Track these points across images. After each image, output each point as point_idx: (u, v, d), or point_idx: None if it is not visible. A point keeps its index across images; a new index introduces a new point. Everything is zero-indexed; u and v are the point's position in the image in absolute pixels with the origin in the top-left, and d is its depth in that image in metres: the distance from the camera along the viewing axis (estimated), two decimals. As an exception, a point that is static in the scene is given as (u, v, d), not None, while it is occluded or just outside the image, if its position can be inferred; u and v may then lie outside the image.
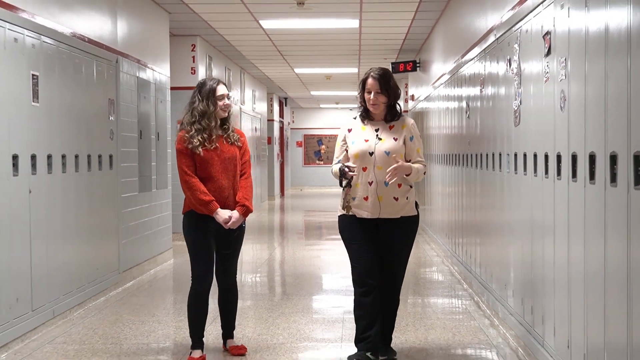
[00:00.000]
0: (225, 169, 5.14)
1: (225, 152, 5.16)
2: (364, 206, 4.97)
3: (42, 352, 5.56)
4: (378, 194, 4.93)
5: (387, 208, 4.96)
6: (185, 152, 5.06)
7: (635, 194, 3.30)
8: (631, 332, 3.39)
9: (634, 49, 3.33)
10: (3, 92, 5.56)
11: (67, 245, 6.75)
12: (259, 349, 5.61)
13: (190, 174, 5.05)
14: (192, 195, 5.04)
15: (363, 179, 4.96)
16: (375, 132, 5.05)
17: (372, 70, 5.05)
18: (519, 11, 5.56)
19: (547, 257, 4.78)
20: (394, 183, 4.92)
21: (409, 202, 5.03)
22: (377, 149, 4.97)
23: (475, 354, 5.50)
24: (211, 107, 5.06)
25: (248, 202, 5.20)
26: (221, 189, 5.12)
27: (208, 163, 5.07)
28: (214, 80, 5.17)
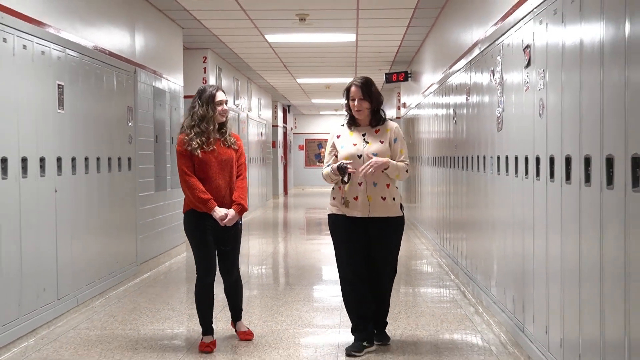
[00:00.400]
0: (222, 170, 5.06)
1: (222, 155, 5.08)
2: (354, 206, 4.92)
3: (66, 337, 5.57)
4: (367, 194, 4.89)
5: (376, 207, 4.91)
6: (184, 154, 4.99)
7: (608, 193, 3.31)
8: (603, 319, 3.40)
9: (606, 62, 3.34)
10: (31, 100, 5.57)
11: (89, 239, 6.76)
12: (265, 334, 5.61)
13: (189, 174, 4.98)
14: (191, 194, 4.98)
15: (353, 180, 4.91)
16: (362, 137, 5.01)
17: (354, 80, 5.02)
18: (501, 26, 5.57)
19: (527, 251, 4.79)
20: (383, 183, 4.89)
21: (395, 203, 4.97)
22: (365, 151, 4.93)
23: (461, 339, 5.50)
24: (210, 111, 4.99)
25: (243, 201, 5.11)
26: (218, 188, 5.04)
27: (206, 164, 5.00)
28: (213, 87, 5.10)
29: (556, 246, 4.14)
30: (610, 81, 3.29)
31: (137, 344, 5.36)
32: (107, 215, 7.23)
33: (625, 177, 3.10)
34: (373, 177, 4.84)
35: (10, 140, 5.19)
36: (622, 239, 3.14)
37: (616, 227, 3.21)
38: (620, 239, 3.16)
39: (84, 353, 5.13)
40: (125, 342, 5.43)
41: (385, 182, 4.91)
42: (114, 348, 5.26)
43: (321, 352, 5.12)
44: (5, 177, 5.11)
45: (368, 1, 8.92)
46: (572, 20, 3.82)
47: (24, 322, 5.40)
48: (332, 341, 5.40)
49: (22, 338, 5.35)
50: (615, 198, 3.21)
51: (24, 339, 5.37)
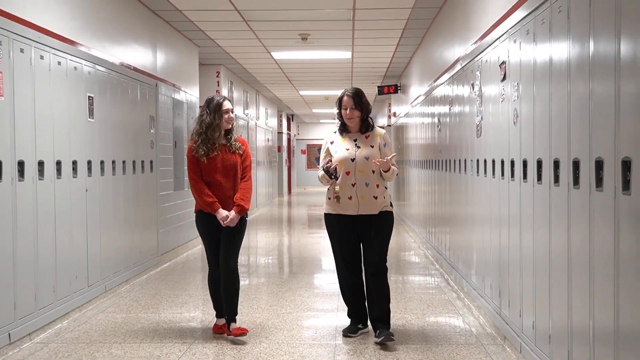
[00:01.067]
0: (227, 174, 4.87)
1: (227, 159, 4.89)
2: (348, 205, 4.80)
3: (95, 320, 5.57)
4: (359, 194, 4.78)
5: (368, 206, 4.79)
6: (192, 160, 4.85)
7: (574, 192, 3.31)
8: (571, 305, 3.40)
9: (572, 76, 3.34)
10: (65, 110, 5.58)
11: (116, 233, 6.76)
12: (271, 317, 5.61)
13: (196, 178, 4.85)
14: (198, 196, 4.86)
15: (347, 182, 4.79)
16: (354, 142, 4.89)
17: (346, 90, 4.94)
18: (480, 45, 5.57)
19: (503, 244, 4.79)
20: (373, 184, 4.79)
21: (385, 200, 4.84)
22: (357, 155, 4.81)
23: (445, 321, 5.50)
24: (217, 119, 4.83)
25: (243, 202, 4.86)
26: (223, 191, 4.86)
27: (211, 169, 4.84)
28: (220, 97, 4.94)
29: (529, 239, 4.14)
30: (576, 93, 3.29)
31: (158, 326, 5.36)
32: (132, 211, 7.24)
33: (589, 178, 3.10)
34: (366, 177, 4.78)
35: (46, 146, 5.20)
36: (587, 233, 3.15)
37: (582, 222, 3.21)
38: (585, 233, 3.17)
39: (111, 334, 5.13)
40: (147, 323, 5.43)
41: (376, 182, 4.80)
42: (138, 329, 5.26)
43: (321, 333, 5.12)
44: (42, 178, 5.11)
45: (362, 23, 8.93)
46: (543, 39, 3.83)
47: (59, 306, 5.40)
48: (330, 323, 5.40)
49: (57, 320, 5.35)
50: (580, 197, 3.22)
51: (58, 321, 5.37)
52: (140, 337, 5.01)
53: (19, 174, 4.77)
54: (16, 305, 4.74)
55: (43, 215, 5.14)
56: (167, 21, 8.86)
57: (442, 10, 8.01)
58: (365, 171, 4.78)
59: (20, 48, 4.83)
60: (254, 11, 8.26)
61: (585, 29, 3.15)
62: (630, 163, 2.69)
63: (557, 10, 3.57)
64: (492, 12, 5.25)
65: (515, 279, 4.47)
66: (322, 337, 4.99)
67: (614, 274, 2.86)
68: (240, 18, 8.60)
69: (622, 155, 2.76)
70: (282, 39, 10.13)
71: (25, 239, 4.88)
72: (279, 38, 10.04)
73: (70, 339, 5.00)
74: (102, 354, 4.61)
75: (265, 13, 8.36)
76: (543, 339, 3.86)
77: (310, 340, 4.93)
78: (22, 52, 4.86)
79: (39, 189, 5.07)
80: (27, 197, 4.89)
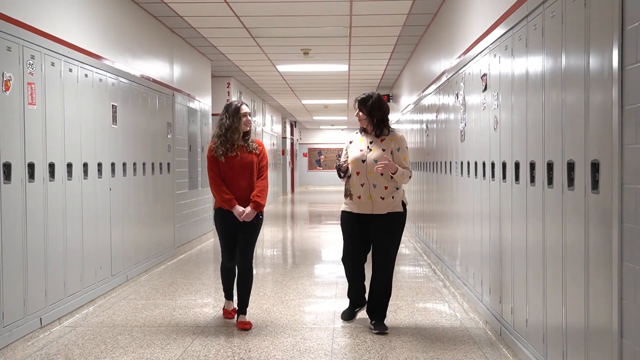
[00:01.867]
0: (244, 172, 4.75)
1: (245, 159, 4.76)
2: (357, 204, 4.66)
3: (118, 306, 5.57)
4: (368, 194, 4.62)
5: (377, 206, 4.62)
6: (212, 160, 4.74)
7: (548, 191, 3.31)
8: (546, 290, 3.40)
9: (547, 87, 3.35)
10: (91, 117, 5.58)
11: (136, 228, 6.76)
12: (276, 303, 5.61)
13: (215, 177, 4.73)
14: (216, 194, 4.72)
15: (357, 182, 4.65)
16: (368, 144, 4.70)
17: (358, 96, 4.82)
18: (463, 59, 5.57)
19: (485, 237, 4.79)
20: (381, 185, 4.60)
21: (394, 201, 4.62)
22: (368, 157, 4.64)
23: (433, 307, 5.51)
24: (236, 122, 4.72)
25: (259, 198, 4.74)
26: (240, 188, 4.74)
27: (230, 168, 4.72)
28: (238, 102, 4.84)
29: (507, 233, 4.14)
30: (550, 102, 3.30)
31: (174, 311, 5.36)
32: (151, 208, 7.24)
33: (562, 179, 3.10)
34: (375, 179, 4.60)
35: (74, 150, 5.20)
36: (560, 227, 3.15)
37: (555, 218, 3.21)
38: (558, 227, 3.17)
39: (132, 318, 5.13)
40: (165, 309, 5.43)
41: (384, 184, 4.59)
42: (156, 314, 5.26)
43: (320, 318, 5.12)
44: (70, 179, 5.12)
45: (358, 39, 8.93)
46: (520, 54, 3.83)
47: (85, 294, 5.40)
48: (329, 309, 5.40)
49: (84, 306, 5.35)
50: (554, 195, 3.22)
51: (84, 307, 5.37)
52: (158, 321, 5.02)
53: (49, 174, 4.77)
54: (47, 292, 4.75)
55: (71, 211, 5.14)
56: (183, 38, 8.86)
57: (429, 28, 8.02)
58: (374, 173, 4.60)
59: (51, 62, 4.83)
60: (260, 29, 8.26)
61: (558, 45, 3.16)
62: (598, 165, 2.69)
63: (532, 28, 3.57)
64: (474, 29, 5.25)
65: (495, 269, 4.47)
66: (322, 322, 4.99)
67: (583, 264, 2.87)
68: (249, 35, 8.60)
69: (591, 158, 2.76)
70: (286, 54, 10.13)
71: (55, 233, 4.89)
72: (283, 53, 10.04)
73: (96, 323, 5.00)
74: (124, 336, 4.61)
75: (271, 30, 8.37)
76: (521, 324, 3.86)
77: (311, 324, 4.93)
78: (53, 66, 4.86)
79: (68, 189, 5.08)
80: (56, 195, 4.89)
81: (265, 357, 4.10)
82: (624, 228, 2.48)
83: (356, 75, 12.59)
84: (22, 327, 4.38)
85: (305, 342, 4.43)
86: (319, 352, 4.18)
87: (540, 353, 3.48)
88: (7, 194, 4.19)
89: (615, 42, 2.52)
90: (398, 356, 4.10)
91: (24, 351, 4.28)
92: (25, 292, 4.45)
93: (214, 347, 4.33)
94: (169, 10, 7.28)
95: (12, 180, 4.25)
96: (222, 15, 7.52)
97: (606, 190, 2.62)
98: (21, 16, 4.48)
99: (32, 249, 4.52)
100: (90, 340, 4.51)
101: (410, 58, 10.36)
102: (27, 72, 4.46)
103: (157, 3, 6.97)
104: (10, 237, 4.24)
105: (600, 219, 2.68)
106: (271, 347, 4.30)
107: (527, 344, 3.73)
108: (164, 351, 4.24)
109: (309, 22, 7.91)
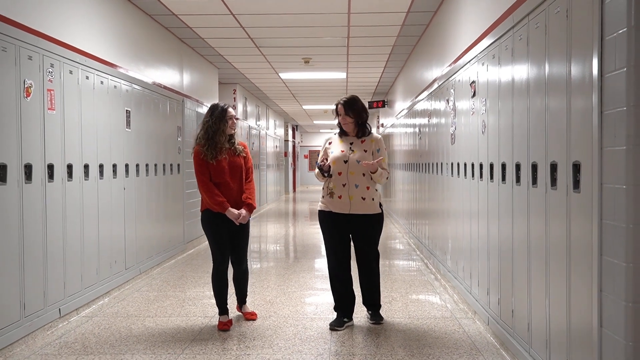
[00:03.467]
0: (234, 175, 4.43)
1: (233, 162, 4.44)
2: (338, 203, 4.38)
3: (132, 297, 5.57)
4: (349, 194, 4.36)
5: (357, 205, 4.36)
6: (201, 163, 4.36)
7: (533, 191, 3.31)
8: (530, 283, 3.41)
9: (531, 93, 3.35)
10: (107, 122, 5.58)
11: (149, 225, 6.76)
12: (279, 295, 5.61)
13: (205, 180, 4.37)
14: (208, 197, 4.36)
15: (339, 182, 4.39)
16: (350, 145, 4.48)
17: (341, 99, 4.53)
18: (453, 67, 5.57)
19: (473, 233, 4.79)
20: (363, 185, 4.37)
21: (374, 202, 4.42)
22: (350, 157, 4.40)
23: (425, 298, 5.51)
24: (222, 125, 4.39)
25: (252, 200, 4.49)
26: (231, 191, 4.43)
27: (220, 171, 4.38)
28: (224, 104, 4.49)
29: (495, 230, 4.14)
30: (534, 107, 3.30)
31: (184, 302, 5.36)
32: (162, 206, 7.24)
33: (546, 179, 3.11)
34: (356, 179, 4.39)
35: (91, 152, 5.20)
36: (543, 224, 3.15)
37: (539, 215, 3.22)
38: (542, 224, 3.17)
39: (144, 308, 5.14)
40: (175, 300, 5.43)
41: (366, 184, 4.39)
42: (167, 305, 5.26)
43: (320, 309, 5.12)
44: (87, 179, 5.12)
45: (355, 48, 8.93)
46: (506, 62, 3.83)
47: (101, 286, 5.40)
48: (328, 300, 5.40)
49: (99, 297, 5.36)
50: (538, 194, 3.22)
51: (100, 298, 5.37)
52: (169, 312, 5.02)
53: (67, 175, 4.77)
54: (65, 285, 4.75)
55: (88, 209, 5.14)
56: (192, 47, 8.86)
57: (422, 38, 8.02)
58: (356, 173, 4.38)
59: (70, 70, 4.83)
60: (264, 39, 8.27)
61: (542, 54, 3.16)
62: (579, 166, 2.70)
63: (518, 38, 3.57)
64: (463, 39, 5.26)
65: (483, 263, 4.47)
66: (322, 312, 4.99)
67: (566, 258, 2.87)
68: (253, 45, 8.60)
69: (572, 160, 2.76)
70: (288, 62, 10.13)
71: (73, 230, 4.89)
72: (285, 61, 10.05)
73: (111, 313, 5.00)
74: (137, 326, 4.61)
75: (274, 40, 8.37)
76: (507, 314, 3.87)
77: (311, 314, 4.93)
78: (71, 74, 4.86)
79: (85, 188, 5.08)
80: (74, 194, 4.90)
81: (269, 344, 4.10)
82: (603, 225, 2.48)
83: (354, 82, 12.59)
84: (42, 317, 4.38)
85: (306, 331, 4.44)
86: (319, 341, 4.18)
87: (525, 341, 3.48)
88: (29, 193, 4.20)
89: (595, 51, 2.53)
90: (393, 344, 4.11)
91: (44, 339, 4.28)
92: (45, 285, 4.45)
93: (221, 335, 4.33)
94: (179, 22, 7.29)
95: (33, 180, 4.25)
96: (228, 27, 7.53)
97: (587, 189, 2.62)
98: (41, 27, 4.49)
99: (51, 244, 4.52)
100: (105, 330, 4.51)
101: (404, 66, 10.36)
102: (46, 80, 4.46)
103: (168, 15, 6.98)
104: (31, 233, 4.24)
105: (581, 216, 2.68)
106: (274, 336, 4.30)
107: (513, 333, 3.73)
108: (175, 339, 4.24)
109: (310, 32, 7.92)
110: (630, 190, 2.31)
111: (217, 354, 3.92)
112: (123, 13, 6.19)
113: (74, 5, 5.07)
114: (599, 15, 2.50)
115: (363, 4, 6.54)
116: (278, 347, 4.04)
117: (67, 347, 4.11)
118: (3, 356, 3.87)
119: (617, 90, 2.37)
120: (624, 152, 2.32)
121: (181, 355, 3.89)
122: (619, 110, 2.35)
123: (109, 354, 3.95)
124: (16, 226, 4.06)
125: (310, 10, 6.84)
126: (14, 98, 4.04)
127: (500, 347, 3.95)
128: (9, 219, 3.97)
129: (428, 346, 4.05)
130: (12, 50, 4.02)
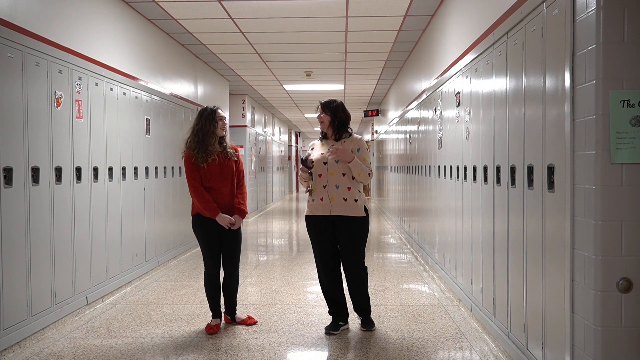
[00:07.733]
0: (225, 179, 3.96)
1: (224, 165, 3.96)
2: (320, 205, 3.92)
3: (151, 286, 5.57)
4: (330, 195, 3.89)
5: (338, 207, 3.88)
6: (192, 167, 3.90)
7: (512, 191, 3.32)
8: (509, 277, 3.41)
9: (510, 103, 3.35)
10: (129, 129, 5.59)
11: (166, 221, 6.77)
12: (283, 284, 5.61)
13: (197, 184, 3.90)
14: (199, 202, 3.89)
15: (319, 184, 3.94)
16: (329, 148, 3.99)
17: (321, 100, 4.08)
18: (440, 79, 5.58)
19: (458, 229, 4.79)
20: (344, 186, 3.89)
21: (357, 205, 3.90)
22: (329, 159, 3.92)
23: (415, 287, 5.50)
24: (212, 127, 3.93)
25: (243, 206, 4.03)
26: (223, 195, 3.96)
27: (211, 175, 3.92)
28: (213, 105, 4.05)
29: (477, 226, 4.14)
30: (513, 116, 3.30)
31: (197, 291, 5.36)
32: (178, 204, 7.24)
33: (523, 180, 3.11)
34: (336, 180, 3.91)
35: (114, 156, 5.21)
36: (521, 221, 3.16)
37: (517, 213, 3.22)
38: (520, 221, 3.18)
39: (163, 296, 5.14)
40: (190, 289, 5.43)
41: (347, 185, 3.90)
42: (183, 294, 5.26)
43: (321, 297, 5.10)
44: (111, 180, 5.12)
45: (352, 63, 8.94)
46: (488, 75, 3.84)
47: (123, 276, 5.41)
48: (328, 289, 5.39)
49: (122, 287, 5.36)
50: (516, 194, 3.23)
51: (123, 287, 5.37)
52: (184, 300, 5.02)
53: (93, 177, 4.78)
54: (92, 275, 4.76)
55: (112, 208, 5.15)
56: (205, 62, 8.87)
57: (412, 53, 8.03)
58: (336, 174, 3.90)
59: (96, 82, 4.84)
60: (270, 54, 8.28)
61: (520, 68, 3.16)
62: (553, 168, 2.70)
63: (498, 54, 3.58)
64: (449, 55, 5.26)
65: (467, 255, 4.47)
66: (323, 300, 4.97)
67: (541, 251, 2.87)
68: (260, 60, 8.61)
69: (547, 163, 2.77)
70: (291, 75, 10.14)
71: (99, 226, 4.89)
72: (289, 74, 10.06)
73: (132, 301, 5.01)
74: (156, 312, 4.62)
75: (279, 56, 8.38)
76: (488, 301, 3.87)
77: (313, 302, 4.93)
78: (97, 85, 4.87)
79: (109, 188, 5.09)
80: (99, 194, 4.90)
81: (274, 329, 4.10)
82: (575, 221, 2.49)
83: (350, 93, 12.60)
84: (71, 305, 4.39)
85: (308, 317, 4.43)
86: (319, 326, 4.18)
87: (505, 325, 3.48)
88: (59, 193, 4.21)
89: (567, 65, 2.53)
90: (386, 329, 4.10)
91: (72, 324, 4.29)
92: (74, 275, 4.45)
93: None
94: (194, 39, 7.30)
95: (63, 181, 4.26)
96: (238, 43, 7.54)
97: (560, 189, 2.63)
98: (71, 44, 4.50)
99: (79, 239, 4.53)
100: (127, 316, 4.52)
101: (396, 78, 10.37)
102: (75, 91, 4.47)
103: (185, 33, 6.99)
104: (61, 229, 4.25)
105: (555, 214, 2.68)
106: (279, 322, 4.30)
107: (494, 319, 3.73)
108: (189, 325, 4.24)
109: (311, 49, 7.93)
110: (598, 190, 2.31)
111: (227, 337, 3.92)
112: (144, 31, 6.20)
113: (100, 24, 5.08)
114: (570, 33, 2.51)
115: (359, 23, 6.56)
116: (282, 332, 4.04)
117: (93, 331, 4.11)
118: (36, 339, 3.88)
119: (587, 100, 2.38)
120: (594, 156, 2.33)
121: (195, 339, 3.90)
122: (589, 118, 2.36)
123: (130, 337, 3.95)
124: (48, 223, 4.06)
125: (311, 29, 6.86)
126: (46, 108, 4.05)
127: (483, 331, 3.95)
128: (42, 217, 3.98)
129: (418, 330, 4.05)
130: (44, 65, 4.03)
